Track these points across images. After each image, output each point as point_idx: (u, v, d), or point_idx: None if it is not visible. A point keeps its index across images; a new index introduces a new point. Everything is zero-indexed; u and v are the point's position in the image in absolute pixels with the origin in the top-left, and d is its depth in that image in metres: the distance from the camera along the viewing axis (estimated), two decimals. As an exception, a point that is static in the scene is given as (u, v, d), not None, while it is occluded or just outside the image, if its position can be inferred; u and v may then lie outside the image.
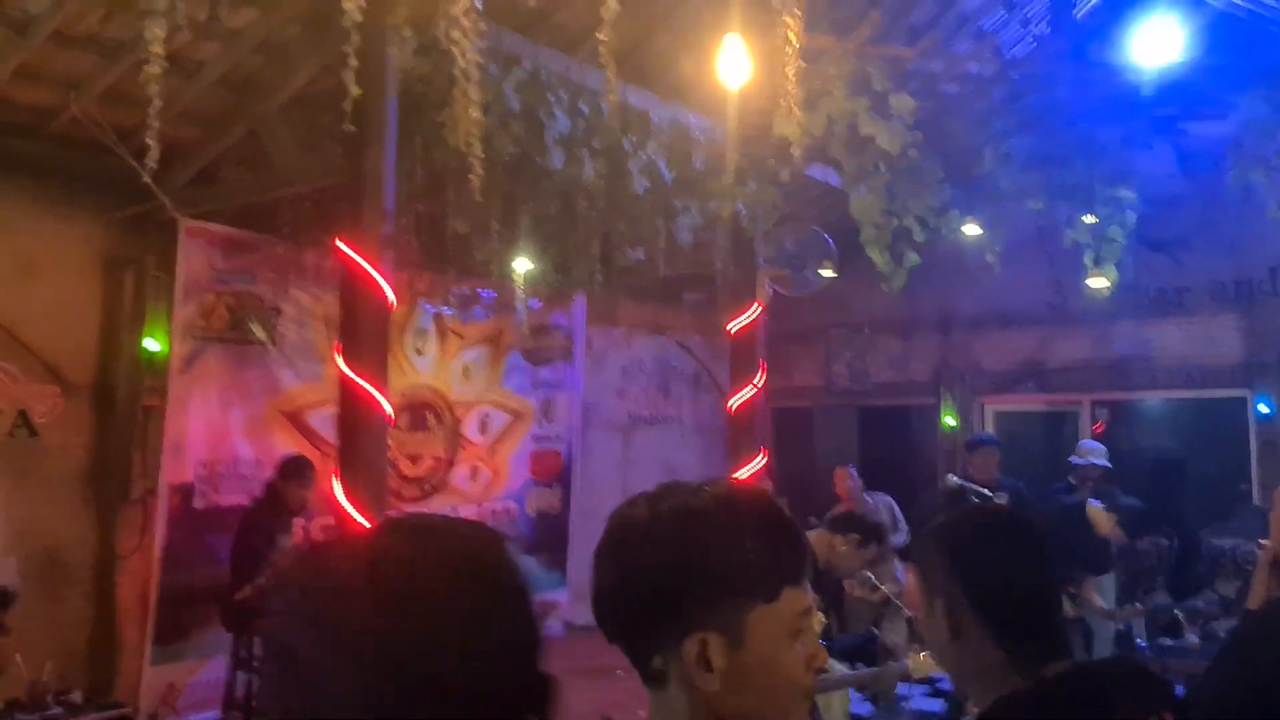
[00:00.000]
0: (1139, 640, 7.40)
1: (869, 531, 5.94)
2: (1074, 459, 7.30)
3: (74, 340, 5.93)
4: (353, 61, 3.49)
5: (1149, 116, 5.87)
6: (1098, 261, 6.10)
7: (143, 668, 5.77)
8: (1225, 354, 8.52)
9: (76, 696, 5.16)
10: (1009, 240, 6.62)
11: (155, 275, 6.05)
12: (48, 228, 5.79)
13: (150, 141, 3.41)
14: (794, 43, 3.41)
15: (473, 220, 5.77)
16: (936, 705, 6.44)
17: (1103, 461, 7.30)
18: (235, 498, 6.18)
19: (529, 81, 5.22)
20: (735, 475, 7.73)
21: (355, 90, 3.49)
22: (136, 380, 6.06)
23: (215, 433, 6.14)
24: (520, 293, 6.98)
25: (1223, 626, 7.65)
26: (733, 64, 3.95)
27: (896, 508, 7.76)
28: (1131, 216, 6.23)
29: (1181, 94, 5.80)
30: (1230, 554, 8.19)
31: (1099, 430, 9.21)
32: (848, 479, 7.65)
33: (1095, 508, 5.76)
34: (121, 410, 6.04)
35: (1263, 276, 8.29)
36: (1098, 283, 6.41)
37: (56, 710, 4.97)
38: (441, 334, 7.60)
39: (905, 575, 5.94)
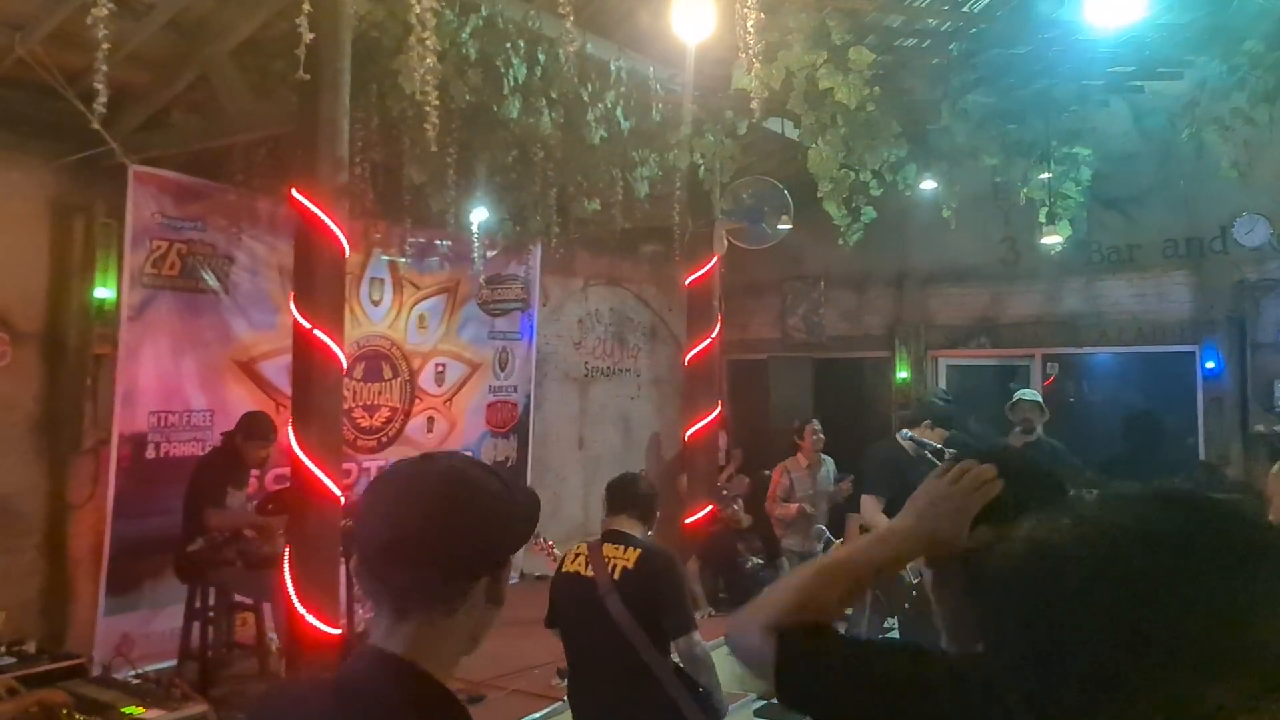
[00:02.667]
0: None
1: None
2: (1013, 400, 7.41)
3: (22, 288, 5.81)
4: (306, 6, 3.42)
5: (1106, 75, 5.91)
6: (1052, 219, 6.18)
7: (96, 618, 5.75)
8: (1175, 310, 8.69)
9: (30, 647, 5.12)
10: (964, 196, 6.68)
11: (105, 222, 5.92)
12: (-8, 173, 5.65)
13: (99, 85, 3.33)
14: (753, -5, 3.39)
15: (429, 169, 5.71)
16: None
17: (1034, 396, 7.39)
18: (188, 448, 6.14)
19: (486, 29, 5.15)
20: (692, 426, 7.81)
21: (308, 35, 3.43)
22: (87, 329, 5.96)
23: (167, 382, 6.07)
24: (477, 243, 6.94)
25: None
26: (691, 17, 3.93)
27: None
28: (1087, 174, 6.31)
29: (1138, 53, 5.85)
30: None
31: (1049, 384, 9.39)
32: (811, 434, 7.75)
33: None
34: (72, 359, 5.94)
35: (1214, 234, 8.44)
36: (1052, 239, 6.50)
37: (9, 660, 4.93)
38: (397, 284, 7.54)
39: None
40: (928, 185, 6.42)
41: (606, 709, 3.85)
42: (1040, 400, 7.40)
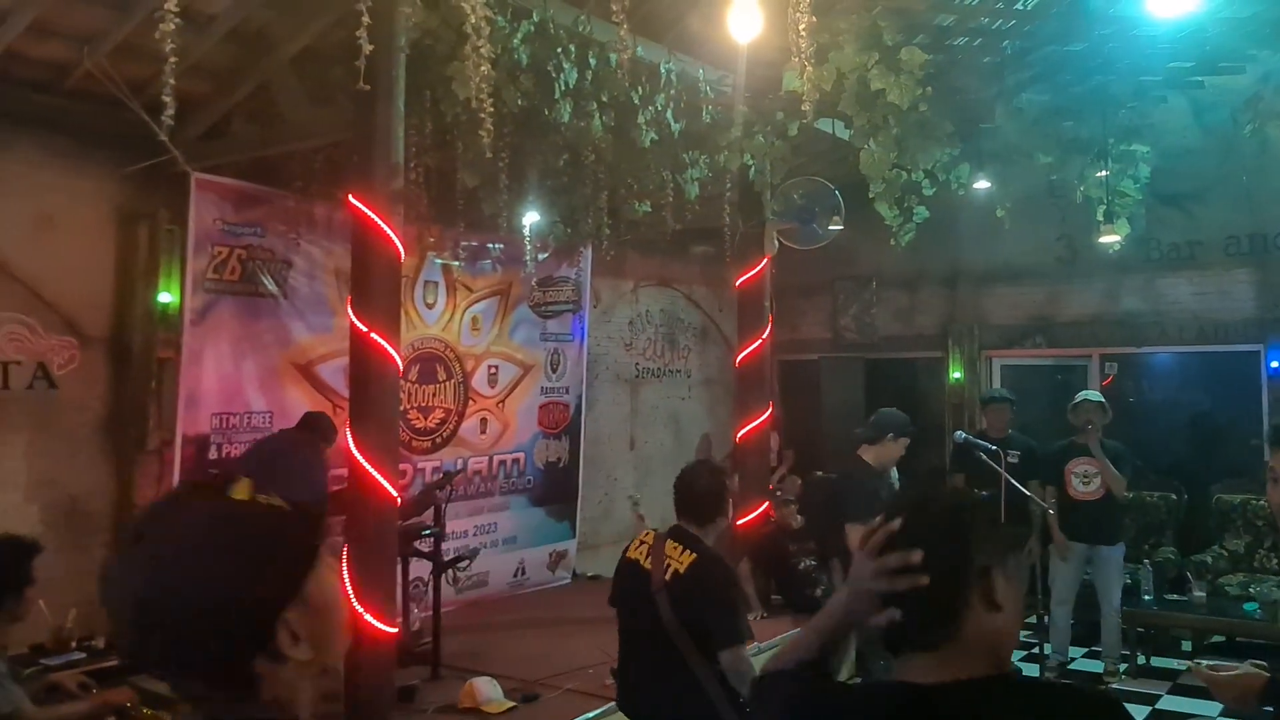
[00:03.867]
0: (1145, 594, 7.51)
1: None
2: (1072, 404, 7.35)
3: (89, 294, 5.99)
4: (366, 19, 3.48)
5: (1165, 70, 5.81)
6: (1110, 217, 6.08)
7: (162, 614, 5.89)
8: (1238, 308, 8.50)
9: (99, 642, 5.29)
10: (1018, 194, 6.59)
11: (168, 229, 6.08)
12: (63, 182, 5.82)
13: (166, 98, 3.43)
14: (804, -2, 3.39)
15: (481, 174, 5.78)
16: None
17: (1097, 397, 7.34)
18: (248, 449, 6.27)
19: (537, 34, 5.20)
20: (743, 427, 7.80)
21: (368, 47, 3.49)
22: (151, 332, 6.12)
23: (228, 384, 6.21)
24: (528, 246, 7.00)
25: (1230, 581, 7.74)
26: (743, 17, 3.94)
27: None
28: (1146, 171, 6.19)
29: (1199, 47, 5.73)
30: (1239, 509, 8.25)
31: (1107, 384, 9.24)
32: None
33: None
34: (137, 362, 6.11)
35: (1278, 230, 8.25)
36: (1110, 239, 6.39)
37: (79, 656, 5.10)
38: (450, 287, 7.63)
39: None
40: (981, 185, 6.35)
41: (647, 699, 3.88)
42: (1103, 401, 7.31)
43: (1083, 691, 1.65)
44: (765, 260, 7.52)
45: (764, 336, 7.71)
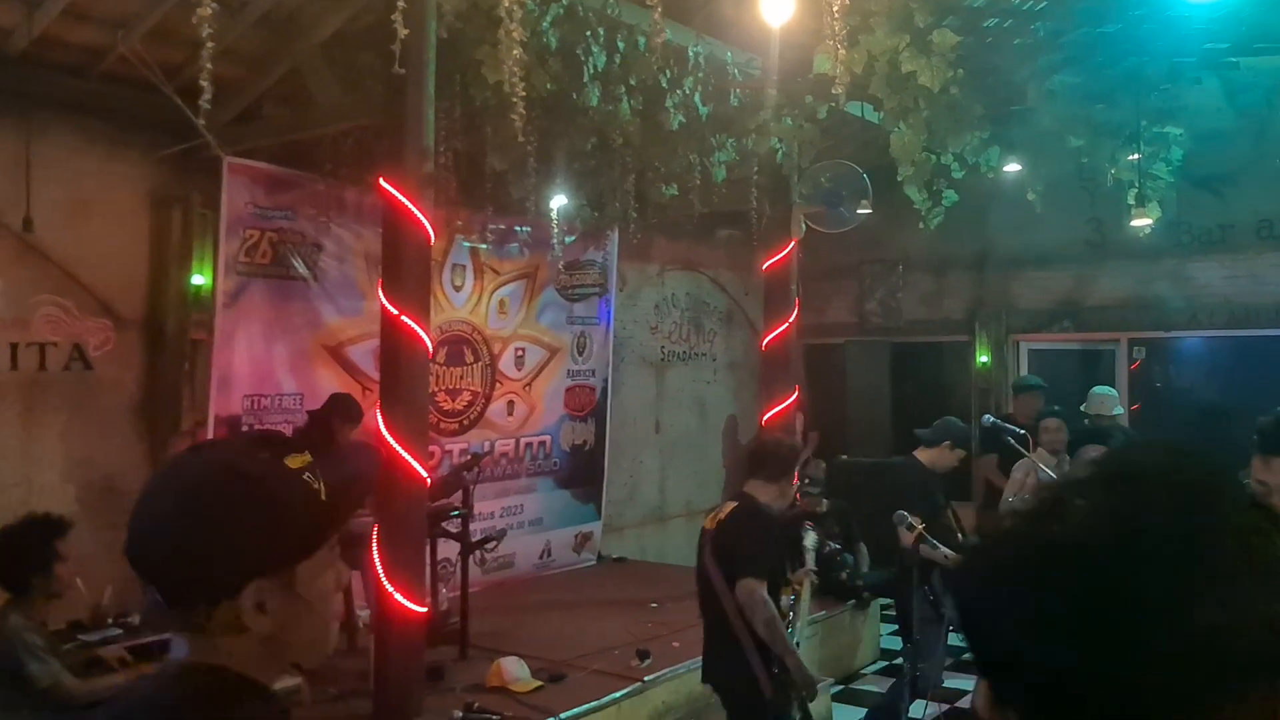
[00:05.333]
0: None
1: None
2: (1084, 408, 7.28)
3: (125, 276, 6.07)
4: (400, 3, 3.50)
5: (1199, 51, 5.73)
6: (1141, 200, 6.02)
7: (196, 592, 5.99)
8: (1270, 293, 8.42)
9: (134, 619, 5.38)
10: (1048, 178, 6.54)
11: (201, 212, 6.15)
12: (98, 166, 5.89)
13: (203, 83, 3.46)
14: (837, -19, 3.38)
15: (510, 157, 5.80)
16: None
17: (1110, 411, 7.23)
18: (280, 430, 6.33)
19: (566, 18, 5.20)
20: (769, 410, 7.81)
21: (403, 31, 3.52)
22: (184, 315, 6.20)
23: (260, 366, 6.28)
24: (555, 229, 7.02)
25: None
26: (775, 1, 3.93)
27: None
28: (1178, 154, 6.12)
29: (1234, 28, 5.65)
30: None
31: (1135, 368, 9.18)
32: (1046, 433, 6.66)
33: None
34: (171, 344, 6.19)
35: (1311, 213, 8.16)
36: (1141, 222, 6.33)
37: (117, 632, 5.19)
38: (478, 270, 7.67)
39: None
40: (1011, 168, 6.30)
41: (708, 663, 4.10)
42: (1113, 393, 7.27)
43: None
44: (792, 244, 7.50)
45: (790, 320, 7.70)
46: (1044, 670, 0.74)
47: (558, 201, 6.83)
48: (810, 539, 4.60)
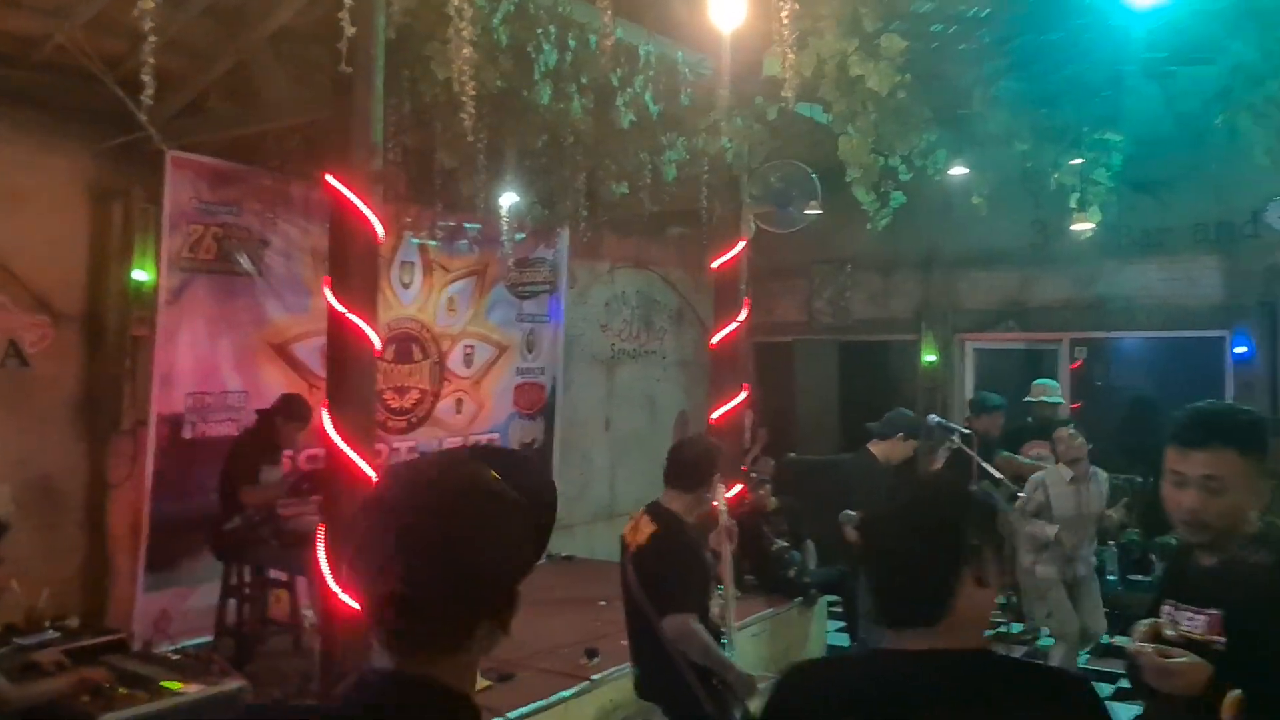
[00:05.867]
0: (1109, 575, 7.66)
1: None
2: (1027, 398, 7.48)
3: (63, 271, 5.93)
4: (348, 0, 3.46)
5: (1139, 59, 5.85)
6: (1083, 204, 6.14)
7: (136, 594, 5.89)
8: (1205, 295, 8.64)
9: (72, 622, 5.27)
10: (993, 180, 6.64)
11: (143, 206, 6.03)
12: (35, 158, 5.74)
13: (145, 77, 3.39)
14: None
15: (459, 154, 5.76)
16: None
17: (1055, 399, 7.46)
18: (223, 428, 6.25)
19: (517, 15, 5.17)
20: (718, 408, 7.84)
21: (350, 29, 3.47)
22: (125, 311, 6.07)
23: (203, 364, 6.18)
24: (505, 226, 6.99)
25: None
26: (726, 4, 3.94)
27: None
28: (1118, 159, 6.25)
29: (1173, 37, 5.78)
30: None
31: (1076, 367, 9.37)
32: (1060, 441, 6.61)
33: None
34: (111, 341, 6.06)
35: (1245, 219, 8.38)
36: (1082, 226, 6.47)
37: (54, 635, 5.08)
38: (427, 267, 7.61)
39: None
40: (957, 171, 6.40)
41: (643, 678, 4.00)
42: (1054, 384, 7.46)
43: (1064, 673, 1.80)
44: (742, 243, 7.54)
45: (739, 318, 7.74)
46: None
47: (508, 199, 6.80)
48: (719, 492, 4.15)
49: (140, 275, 6.07)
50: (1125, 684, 6.72)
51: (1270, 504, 2.31)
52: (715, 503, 4.04)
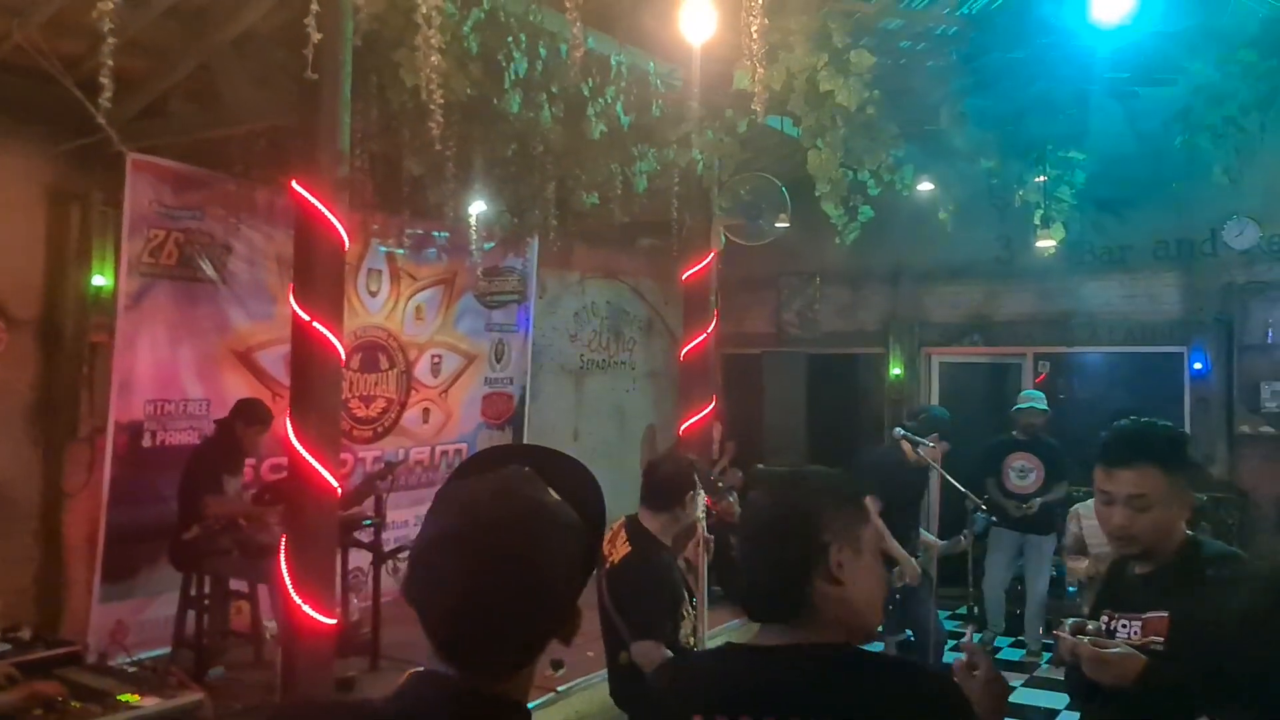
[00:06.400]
0: (1070, 587, 7.73)
1: None
2: (1016, 407, 7.66)
3: (18, 275, 5.81)
4: (315, 4, 3.42)
5: (1102, 79, 5.95)
6: (1047, 221, 6.23)
7: (91, 605, 5.77)
8: (1164, 311, 8.76)
9: (25, 634, 5.14)
10: (960, 196, 6.71)
11: (102, 210, 5.92)
12: (-10, 160, 5.64)
13: (104, 79, 3.33)
14: (758, -1, 3.41)
15: (428, 162, 5.72)
16: None
17: (1041, 406, 7.64)
18: (184, 436, 6.15)
19: (487, 22, 5.15)
20: (687, 420, 7.84)
21: (317, 35, 3.43)
22: (83, 316, 5.96)
23: (164, 371, 6.08)
24: (474, 235, 6.95)
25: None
26: (696, 20, 3.95)
27: None
28: (1081, 177, 6.35)
29: (1135, 58, 5.88)
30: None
31: (1040, 382, 9.46)
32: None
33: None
34: (68, 347, 5.94)
35: (1204, 237, 8.50)
36: (1046, 242, 6.55)
37: (5, 647, 4.95)
38: (394, 275, 7.55)
39: None
40: (924, 186, 6.46)
41: (613, 684, 3.96)
42: (1045, 409, 7.59)
43: (922, 669, 1.76)
44: (711, 255, 7.56)
45: (709, 330, 7.75)
46: None
47: (477, 207, 6.76)
48: (699, 502, 4.05)
49: (99, 280, 5.97)
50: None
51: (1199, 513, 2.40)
52: (696, 517, 4.01)
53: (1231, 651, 1.55)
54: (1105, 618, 2.39)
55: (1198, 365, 8.51)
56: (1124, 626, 2.32)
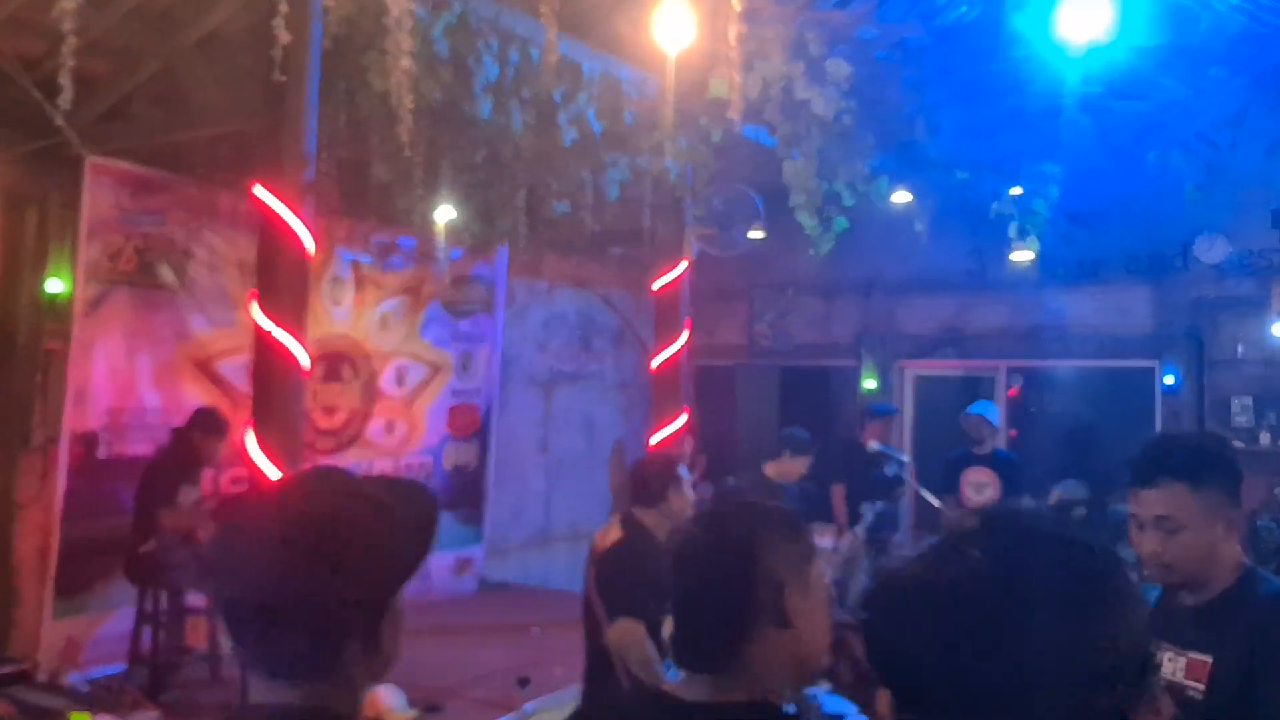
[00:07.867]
0: None
1: None
2: (963, 413, 7.52)
3: (-31, 280, 5.65)
4: (283, 5, 3.32)
5: (1076, 94, 5.96)
6: (1022, 233, 6.22)
7: (42, 622, 5.59)
8: (1136, 325, 8.79)
9: (-28, 651, 4.98)
10: (934, 208, 6.70)
11: (60, 213, 5.77)
12: (-60, 161, 5.47)
13: (63, 82, 3.21)
14: (735, 5, 3.35)
15: (395, 167, 5.62)
16: None
17: (990, 417, 7.52)
18: (142, 447, 5.99)
19: (458, 26, 5.07)
20: (657, 432, 7.75)
21: (285, 36, 3.33)
22: (38, 323, 5.80)
23: (121, 380, 5.92)
24: (441, 242, 6.84)
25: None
26: (672, 28, 3.88)
27: None
28: (1055, 190, 6.36)
29: (1107, 72, 5.89)
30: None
31: (1012, 394, 9.47)
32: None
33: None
34: (22, 354, 5.78)
35: (1175, 251, 8.54)
36: (1020, 255, 6.55)
37: (-49, 665, 4.80)
38: (359, 283, 7.42)
39: None
40: (899, 197, 6.44)
41: (589, 694, 3.91)
42: (985, 416, 7.51)
43: None
44: (683, 264, 7.49)
45: (680, 341, 7.68)
46: (944, 683, 0.97)
47: (445, 214, 6.65)
48: (687, 495, 4.16)
49: (55, 285, 5.81)
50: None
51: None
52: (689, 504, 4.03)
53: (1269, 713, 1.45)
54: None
55: (1169, 379, 8.54)
56: (1170, 660, 2.10)
